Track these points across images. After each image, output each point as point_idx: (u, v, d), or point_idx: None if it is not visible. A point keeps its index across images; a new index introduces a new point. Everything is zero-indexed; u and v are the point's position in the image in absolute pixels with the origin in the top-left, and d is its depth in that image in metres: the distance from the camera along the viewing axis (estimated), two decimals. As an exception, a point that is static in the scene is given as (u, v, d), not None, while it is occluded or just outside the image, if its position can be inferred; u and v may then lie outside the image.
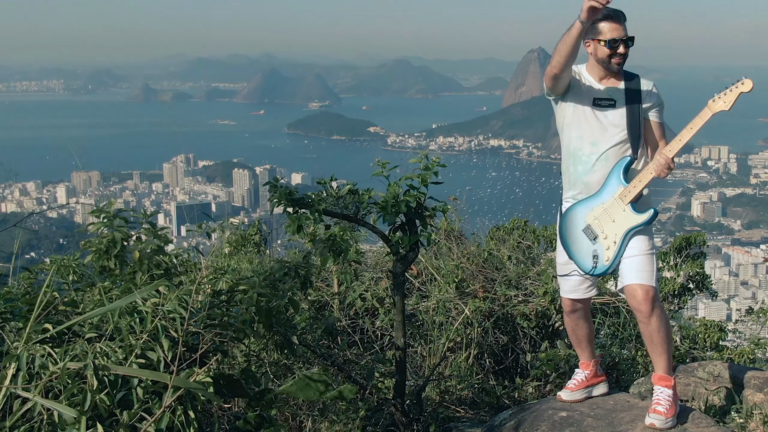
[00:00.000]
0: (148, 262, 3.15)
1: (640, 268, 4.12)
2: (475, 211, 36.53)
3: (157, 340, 2.30)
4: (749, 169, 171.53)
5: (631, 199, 4.16)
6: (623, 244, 4.17)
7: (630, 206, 4.16)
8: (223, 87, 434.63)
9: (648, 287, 4.08)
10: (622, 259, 4.20)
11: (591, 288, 4.50)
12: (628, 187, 4.16)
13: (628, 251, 4.18)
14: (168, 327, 2.33)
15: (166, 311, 2.34)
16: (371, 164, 4.92)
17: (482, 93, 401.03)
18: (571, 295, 4.51)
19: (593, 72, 4.29)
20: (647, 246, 4.19)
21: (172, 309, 2.35)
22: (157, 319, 2.31)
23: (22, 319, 2.48)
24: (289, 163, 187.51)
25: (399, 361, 4.92)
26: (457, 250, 7.74)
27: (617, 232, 4.18)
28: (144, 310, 2.34)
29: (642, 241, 4.19)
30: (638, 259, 4.14)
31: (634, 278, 4.11)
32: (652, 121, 4.28)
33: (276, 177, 4.59)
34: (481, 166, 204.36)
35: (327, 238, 4.25)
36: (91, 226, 3.32)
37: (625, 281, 4.17)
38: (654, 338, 4.14)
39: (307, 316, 4.87)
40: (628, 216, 4.16)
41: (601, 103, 4.23)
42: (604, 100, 4.22)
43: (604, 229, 4.23)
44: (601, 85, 4.26)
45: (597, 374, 4.70)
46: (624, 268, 4.19)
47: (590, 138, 4.25)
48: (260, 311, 3.33)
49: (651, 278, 4.11)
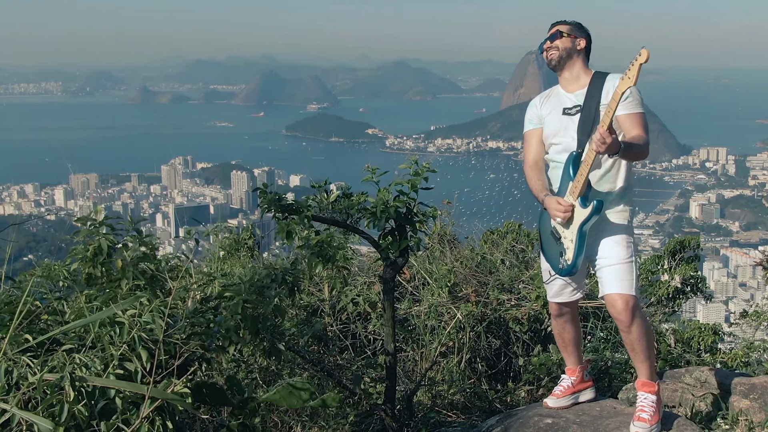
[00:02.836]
0: (134, 270, 3.15)
1: (620, 277, 4.10)
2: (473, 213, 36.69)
3: (135, 350, 2.30)
4: (747, 170, 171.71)
5: (578, 192, 4.11)
6: (580, 241, 4.13)
7: (579, 200, 4.12)
8: (221, 89, 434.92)
9: (627, 297, 4.06)
10: (601, 268, 4.19)
11: (575, 292, 4.51)
12: (575, 180, 4.13)
13: (607, 260, 4.16)
14: (145, 338, 2.33)
15: (143, 322, 2.35)
16: (363, 169, 4.92)
17: (480, 95, 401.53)
18: (557, 299, 4.54)
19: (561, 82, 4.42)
20: (625, 254, 4.16)
21: (149, 320, 2.36)
22: (135, 330, 2.31)
23: (4, 328, 2.48)
24: (287, 165, 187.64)
25: (389, 366, 4.92)
26: (450, 254, 7.75)
27: (573, 229, 4.17)
28: (123, 321, 2.34)
29: (619, 250, 4.16)
30: (616, 268, 4.12)
31: (613, 288, 4.10)
32: (619, 116, 4.14)
33: (264, 183, 4.59)
34: (479, 167, 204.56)
35: (315, 244, 4.25)
36: (77, 234, 3.32)
37: (604, 290, 4.16)
38: (635, 346, 4.14)
39: (296, 322, 4.87)
40: (578, 211, 4.13)
41: (570, 112, 4.30)
42: (573, 108, 4.29)
43: (564, 228, 4.23)
44: (570, 93, 4.34)
45: (583, 380, 4.69)
46: (603, 277, 4.18)
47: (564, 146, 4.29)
48: (246, 318, 3.33)
49: (630, 287, 4.09)
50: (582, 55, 4.38)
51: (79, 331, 2.47)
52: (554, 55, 4.34)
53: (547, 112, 4.41)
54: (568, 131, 4.26)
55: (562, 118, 4.31)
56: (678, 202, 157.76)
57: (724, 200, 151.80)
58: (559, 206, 4.14)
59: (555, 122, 4.35)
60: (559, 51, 4.33)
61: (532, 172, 4.44)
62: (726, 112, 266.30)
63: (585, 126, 4.16)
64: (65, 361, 2.22)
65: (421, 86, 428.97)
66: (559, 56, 4.33)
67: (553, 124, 4.36)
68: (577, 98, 4.28)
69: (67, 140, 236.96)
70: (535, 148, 4.46)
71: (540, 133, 4.44)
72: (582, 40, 4.37)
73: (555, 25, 4.43)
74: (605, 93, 4.16)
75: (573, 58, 4.35)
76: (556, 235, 4.29)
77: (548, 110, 4.41)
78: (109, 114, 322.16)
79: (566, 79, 4.37)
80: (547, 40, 4.40)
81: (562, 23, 4.42)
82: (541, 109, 4.45)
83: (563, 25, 4.40)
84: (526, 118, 4.55)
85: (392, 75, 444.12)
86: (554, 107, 4.38)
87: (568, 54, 4.34)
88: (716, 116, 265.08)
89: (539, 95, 4.57)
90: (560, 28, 4.37)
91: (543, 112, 4.44)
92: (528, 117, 4.54)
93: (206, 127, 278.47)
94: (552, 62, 4.36)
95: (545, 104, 4.44)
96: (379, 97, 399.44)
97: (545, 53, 4.40)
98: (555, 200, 4.18)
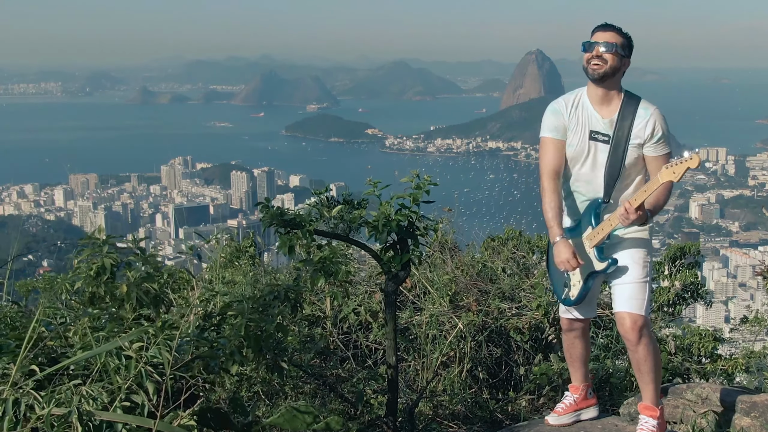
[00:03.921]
0: (138, 290, 3.16)
1: (631, 296, 4.07)
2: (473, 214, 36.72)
3: (142, 385, 2.31)
4: (747, 170, 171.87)
5: (596, 243, 4.07)
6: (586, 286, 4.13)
7: (595, 250, 4.08)
8: (220, 89, 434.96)
9: (636, 316, 4.04)
10: (616, 285, 4.14)
11: (587, 310, 4.45)
12: (595, 230, 4.08)
13: (622, 278, 4.12)
14: (152, 371, 2.34)
15: (149, 357, 2.36)
16: (365, 182, 4.92)
17: (480, 95, 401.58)
18: (567, 315, 4.50)
19: (591, 93, 4.14)
20: (641, 274, 4.11)
21: (156, 354, 2.37)
22: (141, 364, 2.33)
23: (10, 354, 2.49)
24: (287, 165, 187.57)
25: (391, 379, 4.93)
26: (451, 262, 7.75)
27: (582, 272, 4.15)
28: (129, 355, 2.35)
29: (636, 269, 4.12)
30: (630, 287, 4.08)
31: (623, 306, 4.07)
32: (647, 156, 4.04)
33: (267, 197, 4.60)
34: (479, 168, 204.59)
35: (317, 261, 4.26)
36: (81, 252, 3.33)
37: (615, 307, 4.14)
38: (641, 367, 4.13)
39: (299, 339, 4.87)
40: (592, 260, 4.11)
41: (597, 137, 4.10)
42: (600, 134, 4.09)
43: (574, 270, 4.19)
44: (598, 112, 4.10)
45: (587, 398, 4.67)
46: (616, 294, 4.14)
47: (586, 177, 4.16)
48: (249, 337, 3.34)
49: (641, 307, 4.06)
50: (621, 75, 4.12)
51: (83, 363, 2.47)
52: (600, 68, 3.99)
53: (573, 126, 4.12)
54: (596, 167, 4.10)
55: (589, 143, 4.10)
56: (678, 202, 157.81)
57: (723, 200, 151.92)
58: (570, 262, 4.02)
59: (580, 144, 4.12)
60: (605, 66, 3.99)
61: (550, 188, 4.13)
62: (725, 113, 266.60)
63: (613, 168, 4.02)
64: (72, 393, 2.23)
65: (421, 86, 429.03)
66: (605, 72, 3.99)
67: (579, 145, 4.12)
68: (607, 126, 4.06)
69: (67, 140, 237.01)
70: (554, 157, 4.14)
71: (561, 147, 4.14)
72: (627, 61, 4.10)
73: (608, 29, 4.03)
74: (636, 130, 3.98)
75: (615, 77, 4.06)
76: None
77: (574, 124, 4.12)
78: (109, 114, 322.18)
79: (599, 95, 4.09)
80: (597, 45, 3.99)
81: (619, 32, 4.04)
82: (568, 120, 4.14)
83: (616, 36, 4.02)
84: (547, 122, 4.19)
85: (392, 75, 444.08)
86: (582, 124, 4.11)
87: (613, 72, 4.03)
88: (716, 116, 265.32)
89: (564, 99, 4.22)
90: (617, 41, 4.00)
91: (569, 125, 4.13)
92: (551, 123, 4.18)
93: (206, 128, 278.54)
94: (595, 74, 4.00)
95: (573, 115, 4.13)
96: (379, 98, 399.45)
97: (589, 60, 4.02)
98: (569, 251, 4.02)
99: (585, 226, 4.17)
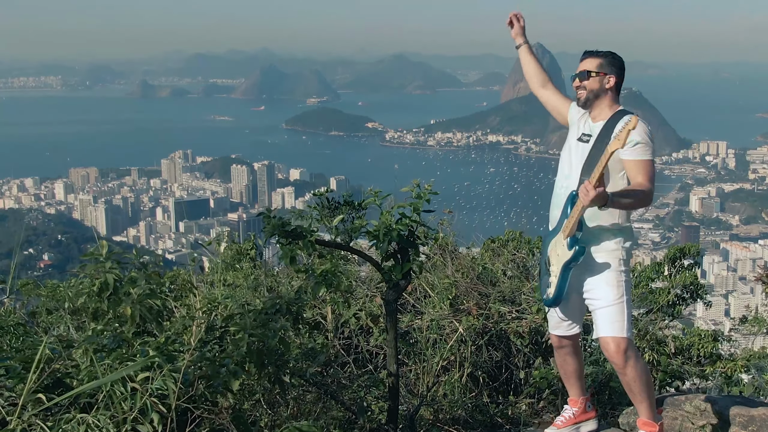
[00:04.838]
0: (141, 307, 3.19)
1: (612, 319, 4.08)
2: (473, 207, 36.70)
3: (147, 415, 2.34)
4: (747, 164, 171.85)
5: (568, 233, 4.09)
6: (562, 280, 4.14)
7: (568, 240, 4.11)
8: (221, 83, 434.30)
9: (619, 339, 4.05)
10: (594, 310, 4.17)
11: (573, 326, 4.49)
12: (566, 221, 4.13)
13: (599, 302, 4.14)
14: (157, 403, 2.37)
15: (154, 389, 2.39)
16: (365, 191, 4.94)
17: (480, 89, 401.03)
18: (555, 332, 4.55)
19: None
20: (616, 295, 4.12)
21: (161, 385, 2.39)
22: (146, 396, 2.35)
23: (17, 377, 2.51)
24: (287, 159, 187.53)
25: (391, 387, 4.96)
26: (451, 265, 7.77)
27: (558, 266, 4.18)
28: (134, 387, 2.37)
29: (610, 291, 4.13)
30: (608, 311, 4.10)
31: (606, 331, 4.09)
32: (624, 159, 4.09)
33: (268, 208, 4.62)
34: (479, 161, 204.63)
35: (319, 274, 4.28)
36: (84, 268, 3.36)
37: (597, 333, 4.16)
38: (632, 387, 4.16)
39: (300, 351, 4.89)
40: (565, 251, 4.13)
41: (582, 138, 4.29)
42: (584, 135, 4.29)
43: (552, 261, 4.26)
44: (591, 120, 4.31)
45: (586, 411, 4.69)
46: (596, 320, 4.17)
47: (566, 171, 4.31)
48: (251, 352, 3.37)
49: (622, 329, 4.07)
50: (611, 91, 4.26)
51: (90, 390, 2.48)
52: (582, 95, 4.26)
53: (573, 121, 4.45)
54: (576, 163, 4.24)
55: (577, 143, 4.30)
56: (678, 196, 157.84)
57: (724, 194, 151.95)
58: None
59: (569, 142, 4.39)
60: (586, 92, 4.24)
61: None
62: (726, 106, 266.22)
63: (590, 166, 4.09)
64: (79, 423, 2.25)
65: (421, 80, 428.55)
66: (586, 98, 4.25)
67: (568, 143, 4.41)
68: (594, 129, 4.24)
69: (67, 134, 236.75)
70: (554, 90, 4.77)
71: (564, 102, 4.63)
72: (611, 78, 4.23)
73: (585, 57, 4.30)
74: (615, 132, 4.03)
75: (600, 97, 4.25)
76: (548, 264, 4.33)
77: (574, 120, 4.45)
78: (109, 108, 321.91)
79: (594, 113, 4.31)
80: (575, 77, 4.29)
81: (593, 55, 4.27)
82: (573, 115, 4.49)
83: (593, 60, 4.25)
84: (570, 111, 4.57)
85: (392, 69, 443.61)
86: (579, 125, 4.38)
87: (596, 95, 4.24)
88: (716, 110, 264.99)
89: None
90: (588, 68, 4.23)
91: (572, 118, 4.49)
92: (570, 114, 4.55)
93: (206, 121, 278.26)
94: (579, 102, 4.31)
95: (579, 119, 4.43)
96: (379, 91, 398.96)
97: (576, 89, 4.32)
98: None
99: (562, 220, 4.22)
